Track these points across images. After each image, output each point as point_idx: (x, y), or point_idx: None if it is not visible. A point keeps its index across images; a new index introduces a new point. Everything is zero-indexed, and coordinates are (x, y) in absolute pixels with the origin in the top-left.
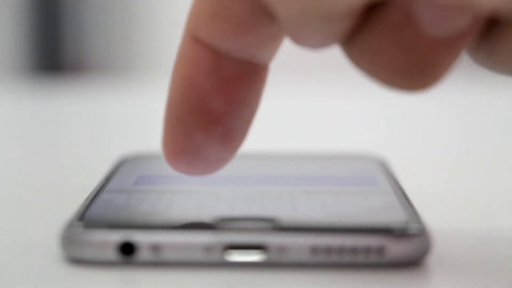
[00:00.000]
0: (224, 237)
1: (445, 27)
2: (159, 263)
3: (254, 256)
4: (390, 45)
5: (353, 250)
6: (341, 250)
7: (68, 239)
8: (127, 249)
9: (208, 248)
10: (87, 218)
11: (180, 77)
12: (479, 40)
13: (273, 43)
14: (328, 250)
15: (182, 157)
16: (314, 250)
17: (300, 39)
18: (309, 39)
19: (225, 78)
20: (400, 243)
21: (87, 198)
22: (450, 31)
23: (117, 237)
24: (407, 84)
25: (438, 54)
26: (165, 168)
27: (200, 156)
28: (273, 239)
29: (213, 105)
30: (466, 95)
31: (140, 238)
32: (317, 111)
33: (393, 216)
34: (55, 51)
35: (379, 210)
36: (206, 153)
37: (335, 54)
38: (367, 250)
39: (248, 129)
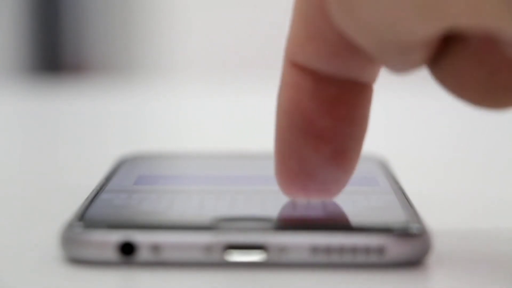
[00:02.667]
0: (224, 237)
1: None
2: (159, 263)
3: (254, 256)
4: (475, 66)
5: (353, 250)
6: (341, 250)
7: (68, 239)
8: (127, 249)
9: (208, 248)
10: (87, 218)
11: (285, 103)
12: None
13: (372, 65)
14: (328, 250)
15: (296, 181)
16: (314, 250)
17: (387, 66)
18: (393, 65)
19: (329, 98)
20: (400, 243)
21: (87, 198)
22: None
23: (117, 237)
24: (494, 104)
25: None
26: (165, 168)
27: (315, 178)
28: (273, 239)
29: (320, 125)
30: None
31: (140, 238)
32: None
33: (393, 216)
34: (55, 51)
35: (379, 210)
36: (320, 175)
37: None
38: (367, 250)
39: (360, 148)
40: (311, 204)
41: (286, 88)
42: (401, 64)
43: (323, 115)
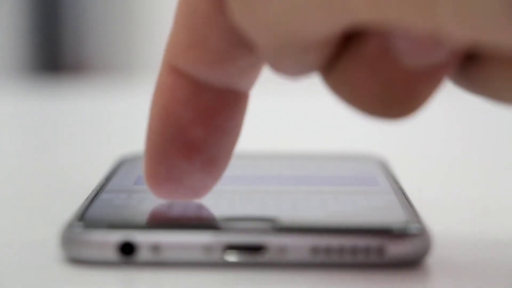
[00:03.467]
0: (224, 237)
1: (423, 60)
2: (159, 263)
3: (254, 256)
4: (368, 76)
5: (353, 250)
6: (341, 250)
7: (68, 239)
8: (127, 249)
9: (208, 248)
10: (87, 218)
11: (159, 107)
12: (460, 70)
13: (253, 72)
14: (328, 250)
15: (164, 185)
16: (314, 250)
17: (278, 69)
18: (286, 68)
19: (204, 107)
20: (400, 243)
21: (87, 198)
22: (428, 63)
23: (117, 237)
24: (386, 114)
25: (417, 85)
26: None
27: (183, 184)
28: (273, 239)
29: (193, 134)
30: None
31: (140, 238)
32: (318, 111)
33: (393, 216)
34: (55, 51)
35: (379, 210)
36: (189, 181)
37: None
38: (367, 250)
39: (230, 157)
40: (311, 204)
41: (161, 93)
42: (295, 66)
43: (197, 125)
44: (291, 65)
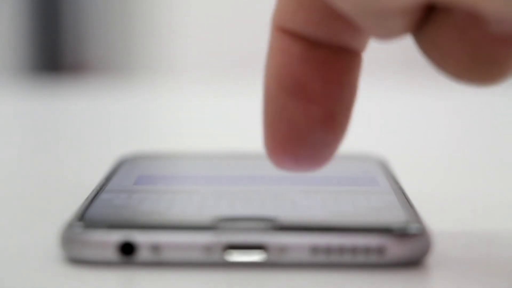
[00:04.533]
0: (224, 237)
1: (510, 27)
2: (159, 263)
3: (254, 256)
4: (457, 41)
5: (353, 250)
6: (341, 250)
7: (68, 239)
8: (127, 249)
9: (208, 248)
10: (87, 218)
11: (274, 67)
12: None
13: (360, 33)
14: (328, 250)
15: (286, 148)
16: (314, 250)
17: (370, 32)
18: (377, 32)
19: (318, 62)
20: (400, 243)
21: (87, 198)
22: None
23: (117, 237)
24: (474, 78)
25: (505, 49)
26: (165, 168)
27: (305, 142)
28: (273, 239)
29: (310, 88)
30: (467, 95)
31: (140, 238)
32: None
33: (393, 216)
34: (55, 51)
35: (379, 210)
36: (310, 139)
37: None
38: (367, 250)
39: (350, 114)
40: (311, 204)
41: (275, 53)
42: (384, 30)
43: (313, 78)
44: (379, 28)
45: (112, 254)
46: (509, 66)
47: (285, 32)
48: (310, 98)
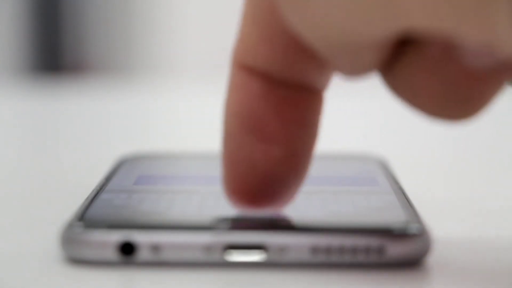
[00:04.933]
0: (224, 237)
1: (486, 62)
2: (159, 263)
3: (254, 256)
4: (429, 76)
5: (353, 250)
6: (341, 250)
7: (68, 239)
8: (127, 249)
9: (208, 248)
10: (87, 218)
11: (234, 105)
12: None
13: (323, 70)
14: (328, 250)
15: (245, 189)
16: (314, 250)
17: (338, 68)
18: (344, 68)
19: (279, 100)
20: (400, 243)
21: (87, 198)
22: (491, 65)
23: (117, 237)
24: (448, 116)
25: (478, 86)
26: (165, 168)
27: (265, 186)
28: (273, 239)
29: (271, 128)
30: None
31: (140, 238)
32: None
33: (393, 216)
34: (55, 51)
35: (379, 210)
36: (271, 182)
37: None
38: (367, 250)
39: (312, 154)
40: (311, 204)
41: (235, 91)
42: (351, 67)
43: (273, 118)
44: (347, 64)
45: (112, 254)
46: (483, 103)
47: (245, 69)
48: (270, 138)
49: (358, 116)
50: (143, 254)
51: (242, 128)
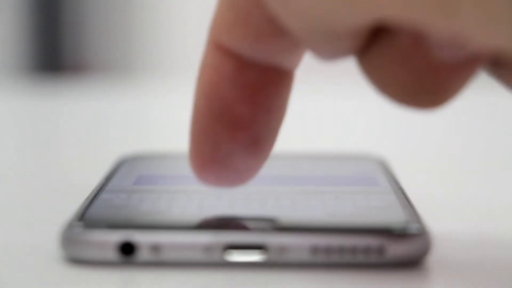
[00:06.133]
0: (224, 237)
1: (454, 53)
2: (159, 263)
3: (254, 256)
4: (400, 66)
5: (353, 250)
6: (341, 250)
7: (68, 239)
8: (127, 249)
9: (208, 248)
10: (87, 218)
11: (204, 85)
12: (492, 65)
13: (296, 51)
14: (328, 250)
15: (209, 167)
16: (314, 250)
17: (315, 52)
18: (321, 52)
19: (249, 84)
20: (400, 243)
21: (87, 198)
22: (460, 56)
23: (117, 237)
24: (416, 104)
25: (448, 77)
26: (165, 168)
27: (228, 166)
28: (273, 239)
29: (237, 112)
30: (467, 95)
31: (140, 238)
32: (317, 111)
33: (393, 216)
34: (55, 51)
35: (379, 210)
36: (234, 163)
37: None
38: (367, 250)
39: (276, 138)
40: (311, 204)
41: (206, 70)
42: (328, 51)
43: (242, 102)
44: (325, 49)
45: (112, 254)
46: (452, 93)
47: (219, 48)
48: (236, 123)
49: (358, 116)
50: (143, 254)
51: (210, 110)
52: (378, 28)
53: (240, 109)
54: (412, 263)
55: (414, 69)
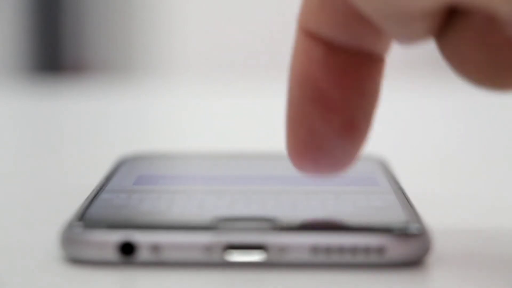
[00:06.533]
0: (224, 237)
1: None
2: (159, 263)
3: (254, 256)
4: (476, 46)
5: (353, 250)
6: (341, 250)
7: (68, 239)
8: (127, 249)
9: (208, 248)
10: (87, 218)
11: (296, 71)
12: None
13: (381, 36)
14: (328, 250)
15: (306, 154)
16: (314, 250)
17: (393, 36)
18: (399, 35)
19: (340, 67)
20: (400, 243)
21: (87, 198)
22: None
23: (117, 237)
24: (494, 85)
25: None
26: (165, 168)
27: (325, 152)
28: (273, 239)
29: (330, 95)
30: (467, 94)
31: (140, 238)
32: None
33: (393, 216)
34: (55, 51)
35: (379, 210)
36: (330, 148)
37: None
38: (367, 250)
39: (371, 122)
40: (311, 204)
41: (297, 56)
42: (405, 34)
43: (333, 85)
44: (402, 32)
45: (112, 254)
46: None
47: (308, 34)
48: (329, 106)
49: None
50: (143, 254)
51: (303, 94)
52: (453, 10)
53: (333, 92)
54: (412, 263)
55: (490, 48)
